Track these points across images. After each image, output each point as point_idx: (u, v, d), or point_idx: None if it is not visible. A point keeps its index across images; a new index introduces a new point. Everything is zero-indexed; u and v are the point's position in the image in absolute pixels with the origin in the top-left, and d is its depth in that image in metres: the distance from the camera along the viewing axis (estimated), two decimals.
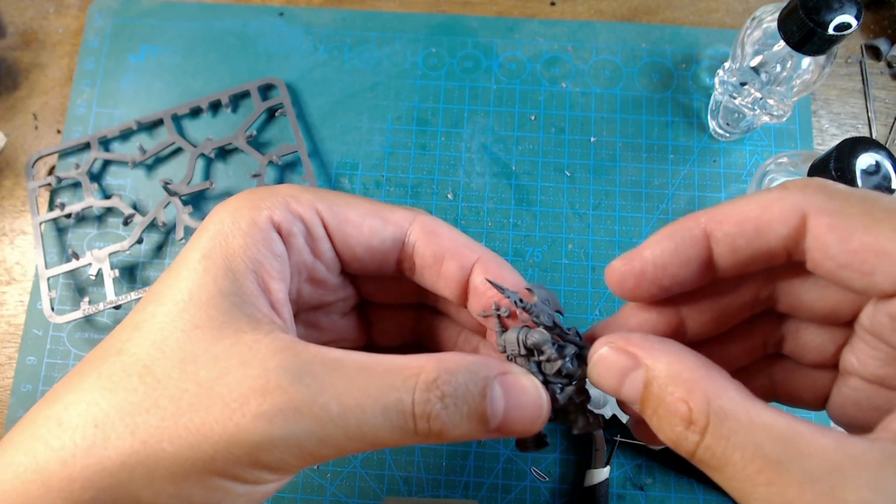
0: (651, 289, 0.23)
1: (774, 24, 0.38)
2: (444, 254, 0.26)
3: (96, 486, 0.20)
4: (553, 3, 0.51)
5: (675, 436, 0.20)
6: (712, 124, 0.46)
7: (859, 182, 0.32)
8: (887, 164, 0.32)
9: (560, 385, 0.25)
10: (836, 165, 0.33)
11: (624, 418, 0.39)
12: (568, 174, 0.46)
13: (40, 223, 0.45)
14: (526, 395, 0.23)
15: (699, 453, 0.19)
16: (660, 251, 0.23)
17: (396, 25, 0.50)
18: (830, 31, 0.34)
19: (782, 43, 0.37)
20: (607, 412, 0.39)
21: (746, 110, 0.42)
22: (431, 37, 0.49)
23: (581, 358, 0.25)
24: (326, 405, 0.20)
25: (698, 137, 0.47)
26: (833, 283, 0.21)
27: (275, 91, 0.48)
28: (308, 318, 0.30)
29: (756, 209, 0.21)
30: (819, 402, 0.25)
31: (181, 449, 0.20)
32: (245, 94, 0.48)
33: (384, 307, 0.32)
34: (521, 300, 0.25)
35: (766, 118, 0.42)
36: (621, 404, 0.24)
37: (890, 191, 0.32)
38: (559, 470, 0.41)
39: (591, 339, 0.24)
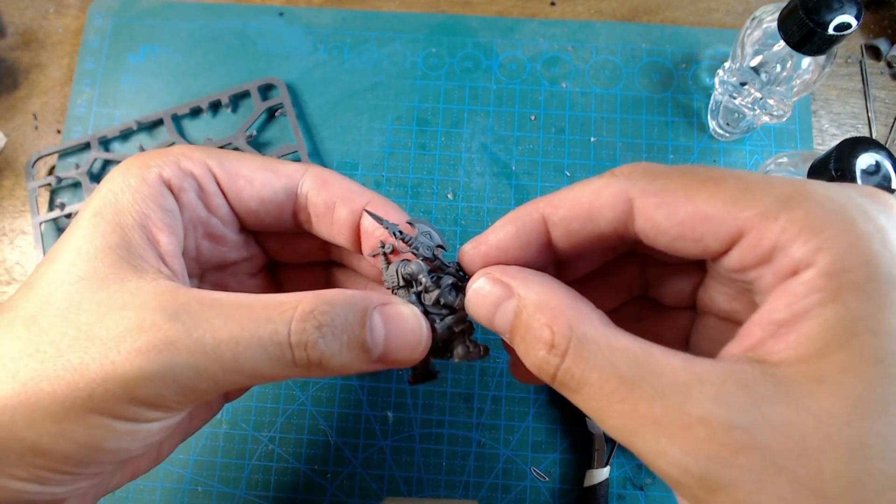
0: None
1: (774, 24, 0.38)
2: (335, 201, 0.27)
3: None
4: (553, 3, 0.51)
5: (539, 360, 0.20)
6: (712, 124, 0.46)
7: (859, 182, 0.32)
8: (887, 164, 0.32)
9: (440, 315, 0.25)
10: (836, 165, 0.33)
11: None
12: (568, 174, 0.46)
13: (40, 223, 0.45)
14: (405, 323, 0.24)
15: (559, 376, 0.20)
16: (503, 235, 0.24)
17: (396, 25, 0.50)
18: (830, 31, 0.34)
19: (782, 43, 0.37)
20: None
21: (746, 110, 0.42)
22: (431, 37, 0.49)
23: (460, 289, 0.25)
24: (201, 339, 0.21)
25: (698, 137, 0.47)
26: (675, 256, 0.22)
27: (275, 91, 0.48)
28: (215, 279, 0.30)
29: (587, 195, 0.22)
30: (681, 343, 0.27)
31: (59, 388, 0.20)
32: (245, 94, 0.48)
33: (293, 267, 0.32)
34: (399, 231, 0.26)
35: (766, 118, 0.42)
36: (503, 344, 0.25)
37: (890, 191, 0.32)
38: (559, 470, 0.41)
39: (464, 266, 0.25)
